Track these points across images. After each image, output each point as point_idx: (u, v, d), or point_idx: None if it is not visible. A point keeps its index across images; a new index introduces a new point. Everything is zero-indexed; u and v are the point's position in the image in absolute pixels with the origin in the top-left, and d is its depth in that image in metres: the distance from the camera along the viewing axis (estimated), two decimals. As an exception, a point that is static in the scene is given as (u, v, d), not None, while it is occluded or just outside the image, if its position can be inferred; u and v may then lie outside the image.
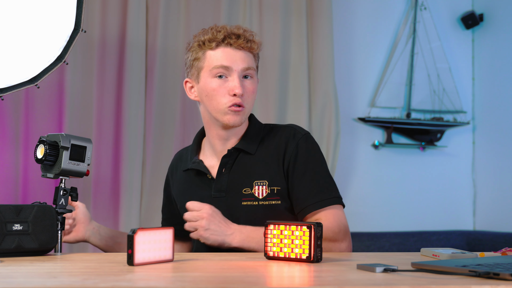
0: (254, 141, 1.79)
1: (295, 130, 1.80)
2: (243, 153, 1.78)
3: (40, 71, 2.04)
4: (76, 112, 3.04)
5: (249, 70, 1.76)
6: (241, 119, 1.76)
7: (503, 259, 1.32)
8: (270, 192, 1.72)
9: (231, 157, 1.77)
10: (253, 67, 1.78)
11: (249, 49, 1.77)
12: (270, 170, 1.74)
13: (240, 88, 1.72)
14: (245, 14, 3.37)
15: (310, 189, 1.72)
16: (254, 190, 1.72)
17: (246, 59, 1.76)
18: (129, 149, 3.08)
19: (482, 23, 3.91)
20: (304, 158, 1.75)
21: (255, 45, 1.78)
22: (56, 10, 2.07)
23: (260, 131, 1.83)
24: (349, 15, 3.75)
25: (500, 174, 3.77)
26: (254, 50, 1.78)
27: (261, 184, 1.73)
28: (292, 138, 1.77)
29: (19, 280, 1.13)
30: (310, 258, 1.32)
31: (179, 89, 3.23)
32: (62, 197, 1.60)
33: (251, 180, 1.74)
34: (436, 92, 3.83)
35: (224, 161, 1.77)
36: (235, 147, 1.78)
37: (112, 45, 3.12)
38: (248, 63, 1.76)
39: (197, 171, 1.81)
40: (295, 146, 1.75)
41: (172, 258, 1.36)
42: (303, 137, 1.78)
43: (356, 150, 3.69)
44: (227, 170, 1.77)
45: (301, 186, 1.72)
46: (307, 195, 1.72)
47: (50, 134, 1.61)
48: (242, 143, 1.79)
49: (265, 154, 1.77)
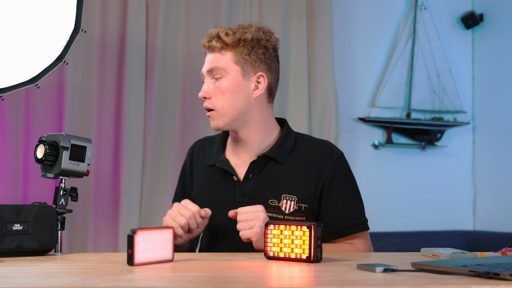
0: (285, 150, 1.74)
1: (331, 149, 1.76)
2: (272, 162, 1.73)
3: (40, 71, 2.04)
4: (76, 112, 3.04)
5: (213, 71, 1.71)
6: (217, 123, 1.71)
7: (503, 259, 1.32)
8: (297, 209, 1.69)
9: (259, 163, 1.73)
10: (218, 67, 1.70)
11: (216, 48, 1.71)
12: (300, 185, 1.71)
13: (202, 92, 1.71)
14: (245, 14, 3.37)
15: (346, 212, 1.71)
16: (281, 204, 1.69)
17: (211, 60, 1.72)
18: (129, 149, 3.08)
19: (482, 23, 3.91)
20: (341, 180, 1.72)
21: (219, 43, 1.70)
22: (56, 10, 2.06)
23: (292, 140, 1.77)
24: (349, 15, 3.75)
25: (500, 174, 3.77)
26: (226, 47, 1.70)
27: (290, 199, 1.69)
28: (329, 158, 1.73)
29: (19, 280, 1.13)
30: (310, 258, 1.32)
31: (179, 89, 3.23)
32: (62, 197, 1.60)
33: (279, 192, 1.70)
34: (436, 92, 3.83)
35: (253, 166, 1.73)
36: (264, 154, 1.73)
37: (112, 45, 3.12)
38: (212, 64, 1.71)
39: (223, 170, 1.76)
40: (331, 166, 1.72)
41: (172, 258, 1.36)
42: (339, 157, 1.75)
43: (356, 150, 3.69)
44: (254, 176, 1.72)
45: (336, 208, 1.71)
46: (343, 218, 1.71)
47: (50, 134, 1.60)
48: (272, 150, 1.73)
49: (295, 167, 1.73)
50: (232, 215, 1.61)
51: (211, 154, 1.82)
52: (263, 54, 1.73)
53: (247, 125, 1.74)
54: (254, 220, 1.55)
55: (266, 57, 1.73)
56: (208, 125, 3.25)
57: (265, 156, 1.73)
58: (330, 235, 1.72)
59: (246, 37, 1.70)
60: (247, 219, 1.56)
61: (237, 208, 1.59)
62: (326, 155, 1.74)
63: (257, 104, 1.74)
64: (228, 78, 1.71)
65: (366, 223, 1.76)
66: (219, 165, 1.76)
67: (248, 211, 1.57)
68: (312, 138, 1.82)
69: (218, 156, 1.78)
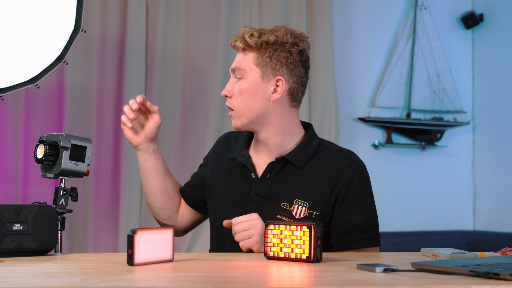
0: (305, 155, 1.73)
1: (351, 159, 1.74)
2: (291, 165, 1.72)
3: (40, 71, 2.04)
4: (76, 112, 3.04)
5: (236, 71, 1.72)
6: (236, 122, 1.73)
7: (503, 259, 1.32)
8: (308, 215, 1.67)
9: (277, 165, 1.72)
10: (239, 67, 1.71)
11: (240, 48, 1.72)
12: (314, 193, 1.69)
13: (225, 90, 1.73)
14: (245, 14, 3.37)
15: (357, 225, 1.68)
16: (293, 208, 1.68)
17: (236, 60, 1.73)
18: (129, 149, 3.08)
19: (482, 23, 3.91)
20: (357, 193, 1.70)
21: (242, 44, 1.70)
22: (56, 10, 2.07)
23: (314, 146, 1.75)
24: (349, 15, 3.75)
25: (500, 174, 3.77)
26: (250, 49, 1.70)
27: (301, 205, 1.68)
28: (348, 168, 1.71)
29: (19, 280, 1.13)
30: (310, 258, 1.32)
31: (179, 89, 3.23)
32: (62, 197, 1.60)
33: (292, 196, 1.69)
34: (436, 92, 3.83)
35: (270, 167, 1.72)
36: (283, 156, 1.72)
37: (112, 45, 3.12)
38: (236, 63, 1.72)
39: (243, 165, 1.76)
40: (349, 177, 1.70)
41: (172, 258, 1.36)
42: (358, 169, 1.72)
43: (356, 150, 3.65)
44: (271, 177, 1.72)
45: (348, 219, 1.68)
46: (353, 231, 1.68)
47: (50, 134, 1.60)
48: (292, 154, 1.72)
49: (313, 173, 1.71)
50: (226, 225, 1.61)
51: (235, 148, 1.82)
52: (286, 58, 1.71)
53: (266, 127, 1.73)
54: (252, 229, 1.55)
55: (288, 61, 1.71)
56: (208, 125, 3.26)
57: (283, 159, 1.72)
58: (339, 246, 1.70)
59: (269, 39, 1.69)
60: (244, 228, 1.55)
61: (232, 219, 1.59)
62: (345, 165, 1.72)
63: (276, 107, 1.72)
64: (247, 80, 1.71)
65: (378, 238, 1.72)
66: (240, 160, 1.76)
67: (244, 221, 1.56)
68: (336, 146, 1.80)
69: (241, 151, 1.79)
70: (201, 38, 3.28)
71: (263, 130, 1.73)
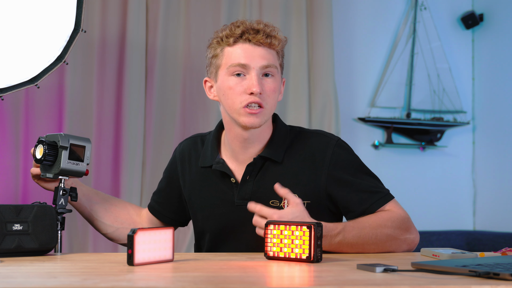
0: (280, 148, 1.69)
1: (326, 137, 1.71)
2: (269, 161, 1.68)
3: (40, 71, 2.04)
4: (76, 112, 3.04)
5: (269, 68, 1.63)
6: (260, 121, 1.63)
7: (503, 259, 1.32)
8: None
9: (256, 165, 1.67)
10: (274, 65, 1.64)
11: (269, 45, 1.64)
12: (301, 182, 1.66)
13: (258, 86, 1.60)
14: (245, 14, 3.37)
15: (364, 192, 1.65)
16: (283, 203, 1.61)
17: (266, 56, 1.63)
18: (129, 149, 3.08)
19: (482, 23, 3.91)
20: (346, 165, 1.67)
21: (276, 41, 1.65)
22: (56, 10, 2.07)
23: (287, 135, 1.71)
24: (349, 15, 3.75)
25: (500, 174, 3.77)
26: (275, 46, 1.65)
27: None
28: (326, 146, 1.68)
29: (19, 280, 1.13)
30: (310, 258, 1.32)
31: (179, 89, 3.23)
32: (61, 197, 1.60)
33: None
34: (436, 92, 3.83)
35: (249, 169, 1.67)
36: (260, 155, 1.67)
37: (112, 45, 3.12)
38: (269, 60, 1.63)
39: (220, 172, 1.70)
40: (331, 154, 1.67)
41: (172, 258, 1.36)
42: (337, 143, 1.69)
43: (356, 150, 3.63)
44: (251, 178, 1.67)
45: (353, 192, 1.65)
46: (363, 199, 1.64)
47: (49, 134, 1.60)
48: (267, 151, 1.67)
49: (294, 163, 1.68)
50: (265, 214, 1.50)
51: (205, 154, 1.75)
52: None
53: (264, 125, 1.68)
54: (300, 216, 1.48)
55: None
56: (208, 125, 3.25)
57: (261, 157, 1.68)
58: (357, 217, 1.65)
59: (283, 38, 1.68)
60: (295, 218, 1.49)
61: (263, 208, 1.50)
62: (323, 144, 1.69)
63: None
64: (277, 78, 1.67)
65: (388, 193, 1.68)
66: (216, 167, 1.70)
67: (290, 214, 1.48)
68: (306, 130, 1.76)
69: (213, 157, 1.72)
70: (201, 38, 3.27)
71: (260, 128, 1.67)
